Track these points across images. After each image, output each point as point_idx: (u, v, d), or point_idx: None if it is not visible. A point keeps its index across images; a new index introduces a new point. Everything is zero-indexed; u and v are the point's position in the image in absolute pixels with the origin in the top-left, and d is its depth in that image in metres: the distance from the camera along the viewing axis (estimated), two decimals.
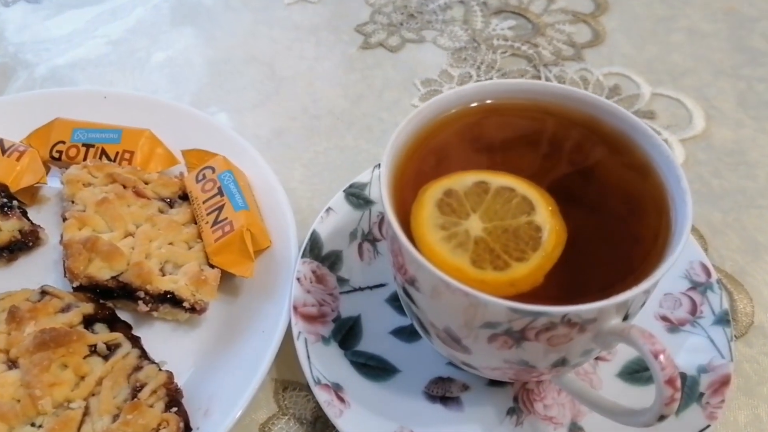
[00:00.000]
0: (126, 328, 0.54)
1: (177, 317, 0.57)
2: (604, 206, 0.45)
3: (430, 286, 0.41)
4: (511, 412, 0.51)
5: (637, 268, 0.41)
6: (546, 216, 0.42)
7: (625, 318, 0.41)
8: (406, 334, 0.55)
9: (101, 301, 0.55)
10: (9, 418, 0.46)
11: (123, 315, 0.56)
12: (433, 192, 0.43)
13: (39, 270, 0.60)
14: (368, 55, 0.87)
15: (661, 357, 0.38)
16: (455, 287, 0.38)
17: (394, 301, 0.58)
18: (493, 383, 0.53)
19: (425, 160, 0.46)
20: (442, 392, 0.52)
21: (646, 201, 0.45)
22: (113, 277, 0.55)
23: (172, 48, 0.87)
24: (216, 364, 0.54)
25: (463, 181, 0.44)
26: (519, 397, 0.52)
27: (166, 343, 0.56)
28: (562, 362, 0.43)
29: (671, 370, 0.38)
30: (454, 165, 0.46)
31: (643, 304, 0.43)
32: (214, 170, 0.61)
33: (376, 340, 0.55)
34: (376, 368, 0.53)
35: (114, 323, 0.54)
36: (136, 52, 0.87)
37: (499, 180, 0.44)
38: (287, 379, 0.56)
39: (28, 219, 0.61)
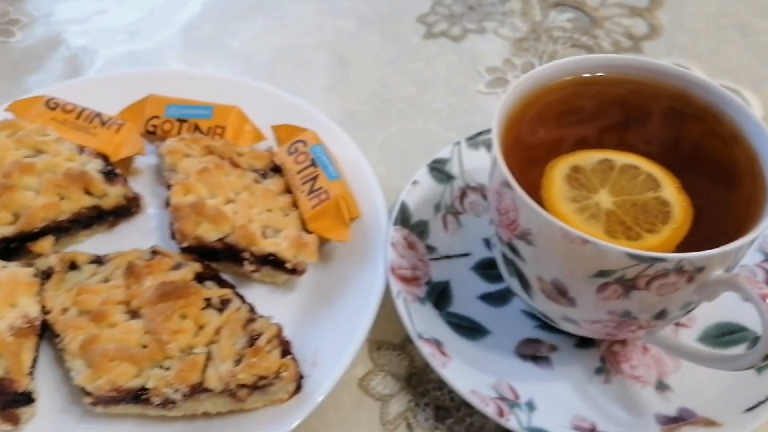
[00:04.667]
0: (231, 287, 0.57)
1: (275, 279, 0.60)
2: (703, 175, 0.48)
3: (547, 237, 0.43)
4: (599, 371, 0.54)
5: (740, 229, 0.44)
6: (673, 192, 0.45)
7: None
8: (494, 299, 0.58)
9: (205, 262, 0.58)
10: (139, 360, 0.49)
11: (223, 277, 0.59)
12: (560, 168, 0.46)
13: (138, 235, 0.64)
14: (431, 44, 0.90)
15: None
16: (575, 235, 0.41)
17: (479, 269, 0.61)
18: (580, 345, 0.56)
19: (530, 126, 0.50)
20: (532, 352, 0.55)
21: (740, 169, 0.48)
22: (219, 239, 0.58)
23: (241, 36, 0.91)
24: (316, 322, 0.57)
25: (588, 158, 0.47)
26: (605, 358, 0.55)
27: (264, 305, 0.58)
28: (662, 314, 0.46)
29: None
30: (557, 132, 0.49)
31: (742, 257, 0.46)
32: (305, 143, 0.65)
33: (465, 303, 0.58)
34: (468, 329, 0.56)
35: (219, 282, 0.57)
36: (207, 39, 0.90)
37: (622, 158, 0.47)
38: (379, 339, 0.59)
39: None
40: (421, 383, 0.56)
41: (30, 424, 0.51)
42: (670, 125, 0.51)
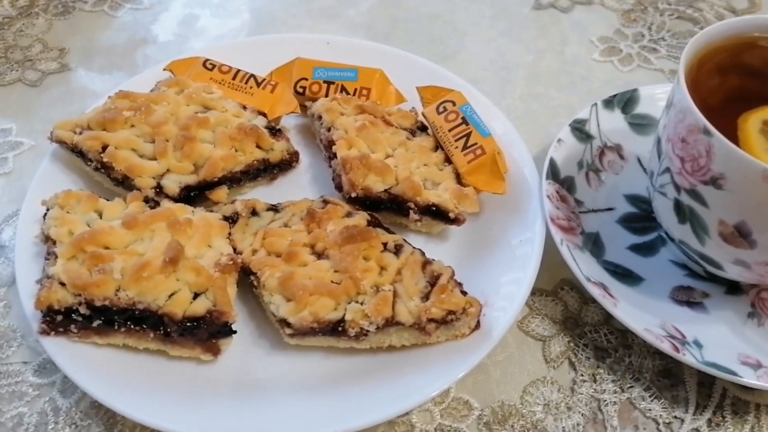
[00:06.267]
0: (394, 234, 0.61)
1: (431, 229, 0.64)
2: None
3: (745, 180, 0.46)
4: (751, 315, 0.57)
5: None
6: None
7: None
8: (643, 249, 0.62)
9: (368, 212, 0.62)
10: (337, 295, 0.53)
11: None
12: (753, 121, 0.49)
13: (295, 188, 0.67)
14: (541, 14, 0.93)
15: None
16: None
17: (624, 222, 0.64)
18: (730, 292, 0.59)
19: (709, 80, 0.53)
20: (686, 298, 0.58)
21: None
22: (386, 190, 0.62)
23: (358, 6, 0.94)
24: (477, 267, 0.60)
25: None
26: (755, 303, 0.58)
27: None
28: None
29: None
30: (734, 86, 0.53)
31: None
32: (454, 103, 0.68)
33: (617, 253, 0.61)
34: (624, 275, 0.59)
35: (386, 230, 0.61)
36: (326, 9, 0.93)
37: None
38: (533, 286, 0.62)
39: None
40: (578, 326, 0.60)
41: (224, 356, 0.56)
42: None
